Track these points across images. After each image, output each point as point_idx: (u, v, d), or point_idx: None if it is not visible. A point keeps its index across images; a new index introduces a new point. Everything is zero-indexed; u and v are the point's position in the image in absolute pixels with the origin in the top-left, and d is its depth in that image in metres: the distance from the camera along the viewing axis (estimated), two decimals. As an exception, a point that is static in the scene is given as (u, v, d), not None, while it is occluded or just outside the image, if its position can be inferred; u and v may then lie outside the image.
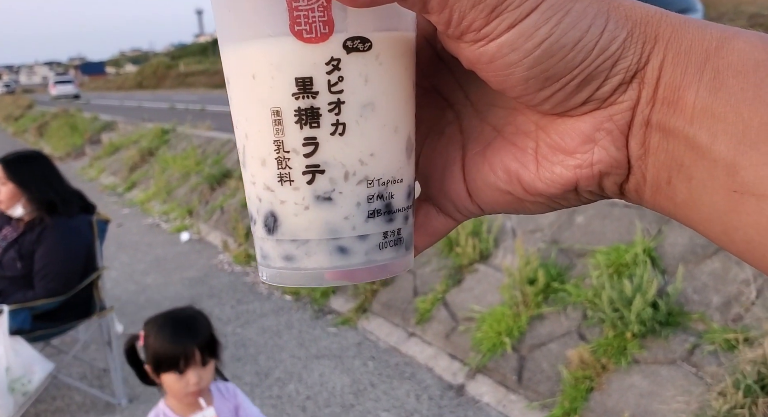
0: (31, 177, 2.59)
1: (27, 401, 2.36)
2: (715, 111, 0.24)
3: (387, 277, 0.32)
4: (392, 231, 0.31)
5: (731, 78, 0.24)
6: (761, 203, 0.24)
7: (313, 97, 0.27)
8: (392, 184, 0.30)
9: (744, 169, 0.24)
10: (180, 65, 48.18)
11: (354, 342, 3.29)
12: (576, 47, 0.26)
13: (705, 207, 0.26)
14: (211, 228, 5.65)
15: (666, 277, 2.55)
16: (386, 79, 0.29)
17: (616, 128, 0.27)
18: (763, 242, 0.24)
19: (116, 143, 10.46)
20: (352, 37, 0.27)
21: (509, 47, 0.26)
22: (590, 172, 0.28)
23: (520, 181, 0.30)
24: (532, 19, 0.25)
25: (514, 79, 0.27)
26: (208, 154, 7.14)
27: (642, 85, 0.26)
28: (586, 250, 2.87)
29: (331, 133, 0.28)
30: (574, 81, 0.26)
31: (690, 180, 0.26)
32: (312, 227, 0.29)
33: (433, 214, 0.35)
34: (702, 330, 2.31)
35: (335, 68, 0.27)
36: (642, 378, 2.29)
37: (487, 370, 2.73)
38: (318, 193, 0.29)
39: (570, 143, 0.28)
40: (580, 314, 2.65)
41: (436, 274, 3.36)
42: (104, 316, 2.75)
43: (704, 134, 0.25)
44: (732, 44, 0.25)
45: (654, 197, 0.28)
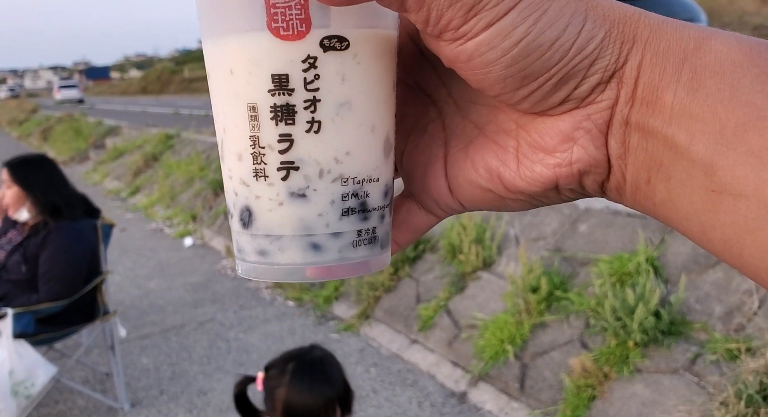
0: (36, 180, 2.60)
1: (30, 405, 2.36)
2: (692, 111, 0.25)
3: (364, 274, 0.32)
4: (367, 229, 0.31)
5: (708, 78, 0.25)
6: (738, 202, 0.24)
7: (289, 94, 0.28)
8: (368, 183, 0.30)
9: (721, 168, 0.24)
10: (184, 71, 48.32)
11: (356, 348, 3.29)
12: (553, 46, 0.26)
13: (684, 206, 0.26)
14: (214, 233, 5.66)
15: (668, 286, 2.55)
16: (364, 79, 0.29)
17: (595, 127, 0.27)
18: (739, 241, 0.24)
19: (120, 148, 10.49)
20: (329, 35, 0.27)
21: (487, 46, 0.26)
22: (570, 170, 0.28)
23: (501, 179, 0.31)
24: (509, 18, 0.25)
25: (492, 77, 0.27)
26: (212, 160, 7.16)
27: (620, 85, 0.27)
28: (589, 258, 2.87)
29: (306, 130, 0.28)
30: (551, 80, 0.27)
31: (669, 179, 0.26)
32: (286, 223, 0.29)
33: (415, 210, 0.35)
34: (704, 339, 2.31)
35: (311, 66, 0.27)
36: (644, 387, 2.29)
37: (490, 378, 2.73)
38: (292, 189, 0.29)
39: (549, 142, 0.29)
40: (583, 323, 2.65)
41: (439, 281, 3.36)
42: (107, 321, 2.76)
43: (682, 134, 0.25)
44: (709, 45, 0.25)
45: (634, 196, 0.28)
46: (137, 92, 48.46)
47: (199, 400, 2.88)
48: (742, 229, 0.24)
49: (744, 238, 0.24)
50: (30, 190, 2.57)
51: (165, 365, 3.25)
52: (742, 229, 0.24)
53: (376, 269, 0.32)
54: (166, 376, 3.13)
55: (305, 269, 0.30)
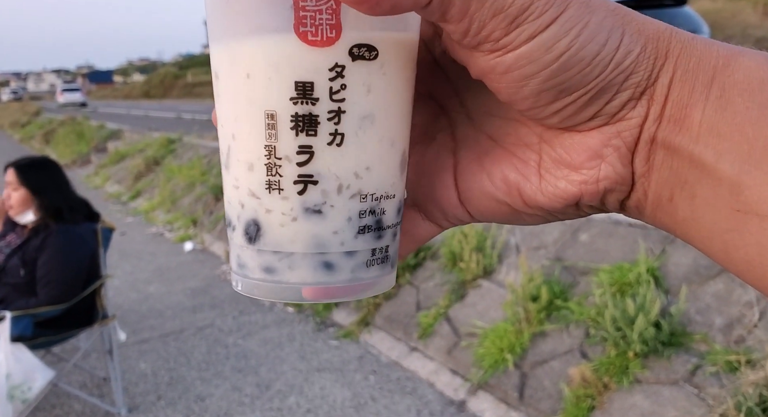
0: (44, 183, 2.60)
1: (26, 409, 2.35)
2: (720, 130, 0.24)
3: (367, 296, 0.31)
4: (380, 248, 0.29)
5: (737, 96, 0.24)
6: (763, 223, 0.24)
7: (313, 103, 0.26)
8: (385, 200, 0.29)
9: (748, 188, 0.24)
10: (187, 75, 48.45)
11: (356, 355, 3.28)
12: (594, 61, 0.25)
13: (706, 225, 0.26)
14: (214, 238, 5.66)
15: (669, 297, 2.54)
16: (389, 91, 0.28)
17: (624, 145, 0.27)
18: (763, 262, 0.24)
19: (122, 152, 10.50)
20: (358, 43, 0.26)
21: (527, 59, 0.25)
22: (596, 188, 0.28)
23: (520, 194, 0.30)
24: (551, 31, 0.25)
25: (527, 91, 0.26)
26: (214, 165, 7.16)
27: (651, 102, 0.26)
28: (590, 268, 2.87)
29: (328, 142, 0.27)
30: (586, 95, 0.26)
31: (693, 198, 0.26)
32: (298, 240, 0.28)
33: (419, 220, 0.34)
34: (704, 351, 2.30)
35: (339, 75, 0.26)
36: (644, 398, 2.28)
37: (489, 387, 2.72)
38: (308, 204, 0.27)
39: (576, 158, 0.28)
40: (583, 332, 2.64)
41: (439, 289, 3.36)
42: (106, 325, 2.75)
43: (709, 152, 0.25)
44: (738, 62, 0.25)
45: (654, 213, 0.28)
46: (140, 96, 48.58)
47: (197, 405, 2.87)
48: (766, 250, 0.24)
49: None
50: (38, 193, 2.56)
51: (163, 370, 3.24)
52: (766, 250, 0.24)
53: (381, 291, 0.31)
54: (164, 382, 3.12)
55: (315, 289, 0.29)
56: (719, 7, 11.65)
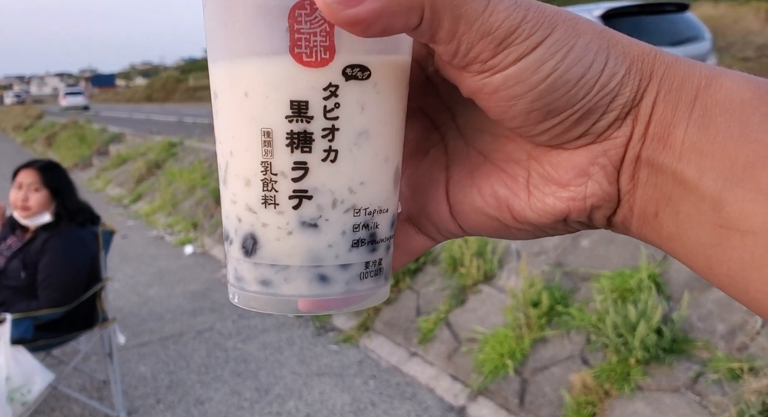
0: (63, 185, 2.62)
1: (26, 411, 2.34)
2: (703, 148, 0.25)
3: (363, 307, 0.31)
4: (374, 261, 0.30)
5: (719, 115, 0.25)
6: (745, 239, 0.24)
7: (308, 121, 0.27)
8: (378, 214, 0.30)
9: (730, 204, 0.24)
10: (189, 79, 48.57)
11: (355, 360, 3.27)
12: (579, 83, 0.26)
13: (690, 240, 0.26)
14: (215, 242, 5.65)
15: (671, 303, 2.53)
16: (382, 108, 0.29)
17: (610, 164, 0.28)
18: (745, 277, 0.25)
19: (124, 155, 10.52)
20: (352, 64, 0.27)
21: (515, 80, 0.26)
22: (583, 204, 0.29)
23: (509, 209, 0.31)
24: (538, 53, 0.25)
25: (516, 110, 0.27)
26: (215, 168, 7.16)
27: (635, 122, 0.27)
28: (591, 274, 2.86)
29: (323, 159, 0.28)
30: (574, 115, 0.27)
31: (677, 214, 0.26)
32: (294, 253, 0.28)
33: (413, 233, 0.35)
34: (706, 358, 2.29)
35: (332, 94, 0.27)
36: (645, 405, 2.27)
37: (489, 393, 2.71)
38: (304, 218, 0.28)
39: (564, 176, 0.29)
40: (584, 338, 2.63)
41: (439, 294, 3.35)
42: (106, 328, 2.75)
43: (692, 170, 0.25)
44: (720, 82, 0.26)
45: (640, 229, 0.29)
46: (142, 100, 48.70)
47: (196, 409, 2.86)
48: (748, 265, 0.24)
49: (750, 274, 0.24)
50: (58, 195, 2.57)
51: (162, 374, 3.24)
52: (748, 265, 0.24)
53: (376, 302, 0.31)
54: (164, 385, 3.11)
55: (311, 301, 0.29)
56: (721, 13, 11.67)
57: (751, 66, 9.33)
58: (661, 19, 5.70)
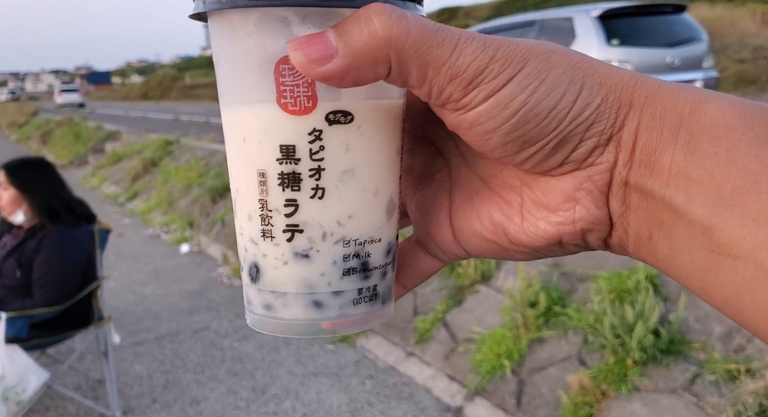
0: (33, 183, 2.58)
1: (20, 411, 2.33)
2: (690, 174, 0.25)
3: (365, 329, 0.34)
4: (368, 287, 0.32)
5: (705, 142, 0.25)
6: (736, 263, 0.24)
7: (296, 163, 0.29)
8: (369, 244, 0.32)
9: (719, 230, 0.25)
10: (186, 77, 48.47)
11: (352, 360, 3.27)
12: (550, 114, 0.27)
13: (685, 264, 0.27)
14: (211, 240, 5.64)
15: (668, 304, 2.54)
16: (367, 148, 0.30)
17: (596, 188, 0.29)
18: (738, 299, 0.25)
19: (119, 153, 10.48)
20: (334, 110, 0.29)
21: (487, 116, 0.27)
22: (573, 228, 0.30)
23: (505, 233, 0.32)
24: (507, 89, 0.27)
25: (493, 143, 0.28)
26: (211, 167, 7.15)
27: (619, 148, 0.28)
28: (588, 274, 2.86)
29: (311, 196, 0.30)
30: (549, 144, 0.28)
31: (670, 237, 0.27)
32: (289, 281, 0.31)
33: (421, 255, 0.36)
34: (703, 359, 2.30)
35: (317, 138, 0.29)
36: (642, 406, 2.27)
37: (486, 393, 2.71)
38: (297, 250, 0.30)
39: (553, 201, 0.30)
40: (581, 339, 2.63)
41: (436, 294, 3.35)
42: (102, 327, 2.73)
43: (680, 196, 0.26)
44: (705, 108, 0.26)
45: (637, 251, 0.29)
46: (138, 98, 48.57)
47: (192, 409, 2.85)
48: (740, 288, 0.25)
49: (743, 297, 0.25)
50: (27, 193, 2.55)
51: (158, 373, 3.22)
52: (740, 288, 0.25)
53: (376, 324, 0.34)
54: (159, 384, 3.10)
55: (309, 325, 0.32)
56: (718, 15, 11.71)
57: (747, 67, 9.36)
58: (658, 20, 5.72)
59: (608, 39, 5.31)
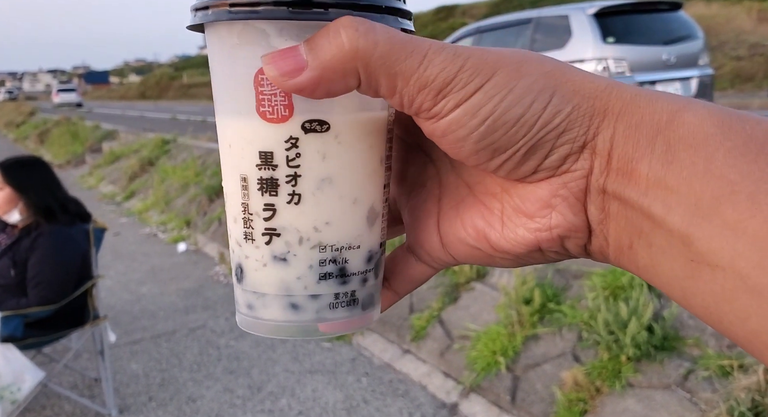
0: (29, 182, 2.58)
1: (15, 410, 2.33)
2: (668, 183, 0.25)
3: (346, 332, 0.35)
4: (345, 292, 0.33)
5: (682, 151, 0.25)
6: (715, 273, 0.24)
7: (273, 169, 0.31)
8: (347, 250, 0.32)
9: (698, 240, 0.25)
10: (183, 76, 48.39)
11: (348, 358, 3.27)
12: (518, 122, 0.27)
13: (665, 272, 0.27)
14: (208, 239, 5.64)
15: (662, 301, 2.54)
16: (345, 157, 0.31)
17: (572, 195, 0.29)
18: (718, 309, 0.25)
19: (117, 152, 10.47)
20: (310, 119, 0.30)
21: (456, 124, 0.28)
22: (550, 235, 0.30)
23: (487, 240, 0.32)
24: (476, 99, 0.27)
25: (466, 151, 0.29)
26: (208, 165, 7.15)
27: (594, 156, 0.28)
28: (583, 271, 2.87)
29: (287, 201, 0.31)
30: (519, 152, 0.28)
31: (650, 246, 0.27)
32: (268, 283, 0.32)
33: (413, 262, 0.36)
34: (697, 355, 2.30)
35: (293, 146, 0.30)
36: (636, 402, 2.28)
37: (481, 390, 2.71)
38: (275, 253, 0.32)
39: (530, 208, 0.30)
40: (575, 336, 2.64)
41: (432, 292, 3.35)
42: (97, 325, 2.73)
43: (659, 205, 0.26)
44: (682, 118, 0.26)
45: (618, 259, 0.29)
46: (136, 97, 48.51)
47: (188, 407, 2.85)
48: (720, 298, 0.25)
49: (722, 306, 0.25)
50: (23, 192, 2.55)
51: (155, 371, 3.23)
52: (720, 298, 0.25)
53: (357, 329, 0.34)
54: (156, 383, 3.10)
55: (286, 327, 0.33)
56: (714, 12, 11.71)
57: (744, 65, 9.37)
58: (653, 18, 5.71)
59: (604, 37, 5.31)
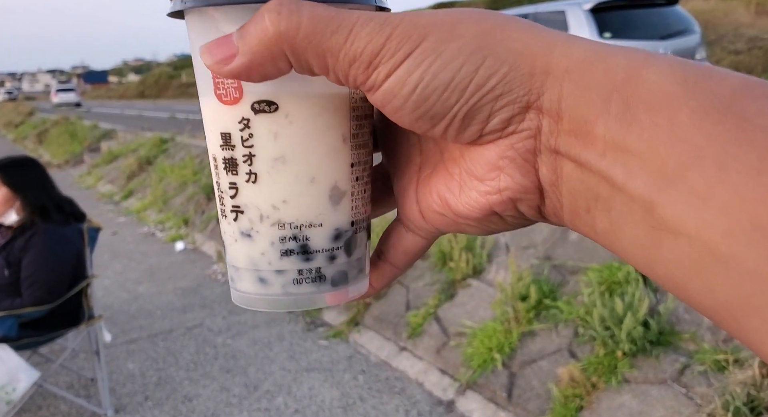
0: (25, 182, 2.57)
1: (11, 410, 2.33)
2: (629, 146, 0.24)
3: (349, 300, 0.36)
4: (309, 269, 0.34)
5: (642, 112, 0.23)
6: (679, 240, 0.23)
7: (232, 149, 0.32)
8: (308, 228, 0.33)
9: (661, 206, 0.23)
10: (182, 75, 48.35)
11: (345, 355, 3.27)
12: (449, 87, 0.26)
13: (626, 239, 0.25)
14: (206, 238, 5.64)
15: (657, 296, 2.54)
16: (298, 136, 0.32)
17: (519, 156, 0.27)
18: (683, 278, 0.24)
19: (115, 152, 10.47)
20: (259, 100, 0.31)
21: (390, 94, 0.27)
22: (500, 197, 0.29)
23: (448, 205, 0.32)
24: (404, 67, 0.26)
25: (406, 120, 0.28)
26: (206, 164, 7.14)
27: (541, 115, 0.26)
28: (579, 267, 2.86)
29: (246, 180, 0.32)
30: (456, 118, 0.27)
31: (609, 211, 0.25)
32: (239, 257, 0.34)
33: (403, 233, 0.36)
34: (692, 350, 2.30)
35: (246, 126, 0.32)
36: (632, 397, 2.27)
37: (477, 387, 2.71)
38: (242, 229, 0.33)
39: (480, 170, 0.29)
40: (571, 332, 2.63)
41: (428, 289, 3.35)
42: (93, 325, 2.73)
43: (618, 169, 0.24)
44: (641, 75, 0.24)
45: (574, 223, 0.28)
46: (135, 96, 48.51)
47: (185, 406, 2.85)
48: (685, 267, 0.23)
49: (688, 276, 0.23)
50: (20, 191, 2.54)
51: (151, 371, 3.22)
52: (685, 267, 0.23)
53: (335, 302, 0.36)
54: (152, 382, 3.10)
55: (256, 299, 0.34)
56: (711, 6, 11.68)
57: (742, 59, 9.34)
58: (650, 13, 5.70)
59: (600, 32, 5.30)
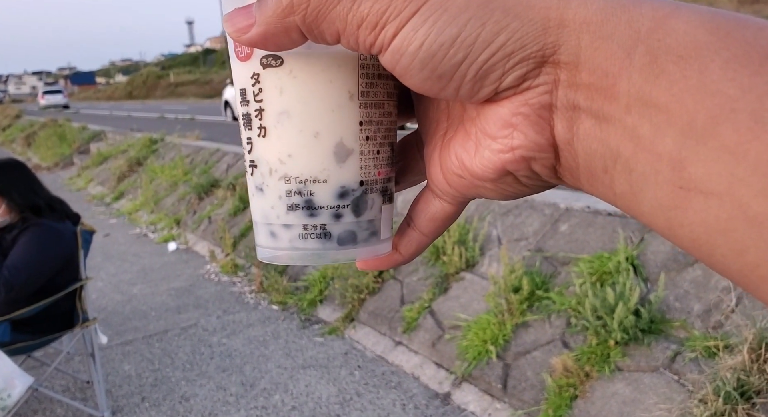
0: (10, 183, 2.56)
1: (6, 416, 2.33)
2: (656, 100, 0.22)
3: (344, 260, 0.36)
4: (314, 225, 0.34)
5: (671, 64, 0.22)
6: (709, 201, 0.22)
7: (247, 104, 0.34)
8: (312, 184, 0.34)
9: (692, 164, 0.22)
10: (170, 75, 48.07)
11: (341, 351, 3.28)
12: (455, 43, 0.25)
13: (647, 201, 0.24)
14: (198, 238, 5.63)
15: (648, 284, 2.56)
16: (301, 91, 0.33)
17: (533, 112, 0.26)
18: (710, 240, 0.23)
19: (104, 153, 10.41)
20: (266, 55, 0.32)
21: (398, 53, 0.27)
22: (513, 156, 0.28)
23: (465, 166, 0.31)
24: (411, 24, 0.26)
25: (415, 80, 0.28)
26: (197, 164, 7.12)
27: (558, 69, 0.25)
28: (570, 258, 2.88)
29: (258, 135, 0.34)
30: (466, 78, 0.26)
31: (630, 172, 0.24)
32: (255, 211, 0.36)
33: (431, 198, 0.35)
34: (683, 337, 2.32)
35: (256, 81, 0.33)
36: (625, 385, 2.30)
37: (473, 379, 2.73)
38: (256, 183, 0.35)
39: (492, 128, 0.28)
40: (564, 322, 2.66)
41: (422, 283, 3.36)
42: (87, 328, 2.73)
43: (645, 125, 0.23)
44: (669, 25, 0.23)
45: (591, 184, 0.27)
46: (123, 97, 48.19)
47: (181, 406, 2.85)
48: (713, 228, 0.22)
49: (715, 238, 0.22)
50: (5, 194, 2.53)
51: (147, 371, 3.23)
52: (713, 228, 0.22)
53: (342, 259, 0.36)
54: (148, 383, 3.10)
55: (269, 252, 0.35)
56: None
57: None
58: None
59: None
